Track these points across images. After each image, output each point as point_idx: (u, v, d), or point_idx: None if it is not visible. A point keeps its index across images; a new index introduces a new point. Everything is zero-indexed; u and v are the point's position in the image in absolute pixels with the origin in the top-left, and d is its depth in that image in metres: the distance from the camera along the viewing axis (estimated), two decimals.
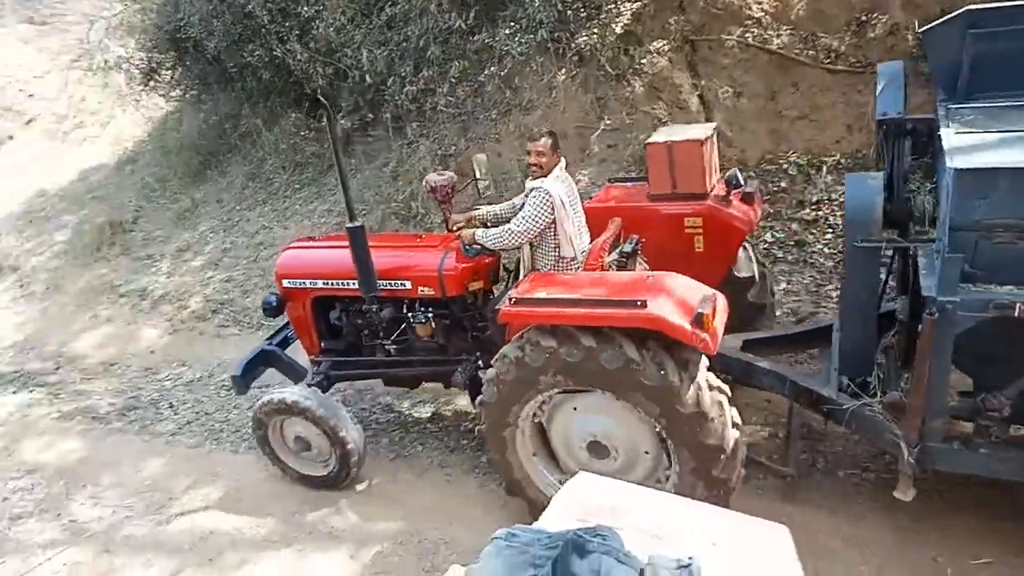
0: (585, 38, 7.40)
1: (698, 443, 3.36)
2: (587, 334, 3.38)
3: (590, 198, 4.99)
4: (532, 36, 7.11)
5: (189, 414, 6.11)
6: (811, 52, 6.80)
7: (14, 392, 7.15)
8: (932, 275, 2.95)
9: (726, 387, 3.53)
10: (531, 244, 4.29)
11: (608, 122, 7.26)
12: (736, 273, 4.55)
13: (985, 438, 3.19)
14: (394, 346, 4.73)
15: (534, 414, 3.84)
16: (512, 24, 7.30)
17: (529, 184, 4.22)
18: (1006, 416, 3.08)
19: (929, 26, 3.39)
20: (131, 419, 6.22)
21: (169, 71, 10.46)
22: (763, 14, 7.08)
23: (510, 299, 3.59)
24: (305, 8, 8.06)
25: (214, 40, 8.79)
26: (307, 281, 4.80)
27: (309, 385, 4.70)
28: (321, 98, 4.38)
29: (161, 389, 6.67)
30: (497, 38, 7.17)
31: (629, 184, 4.95)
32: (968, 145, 2.89)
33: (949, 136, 2.96)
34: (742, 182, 4.34)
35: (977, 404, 3.14)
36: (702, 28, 7.22)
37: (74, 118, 13.45)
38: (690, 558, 1.80)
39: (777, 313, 5.29)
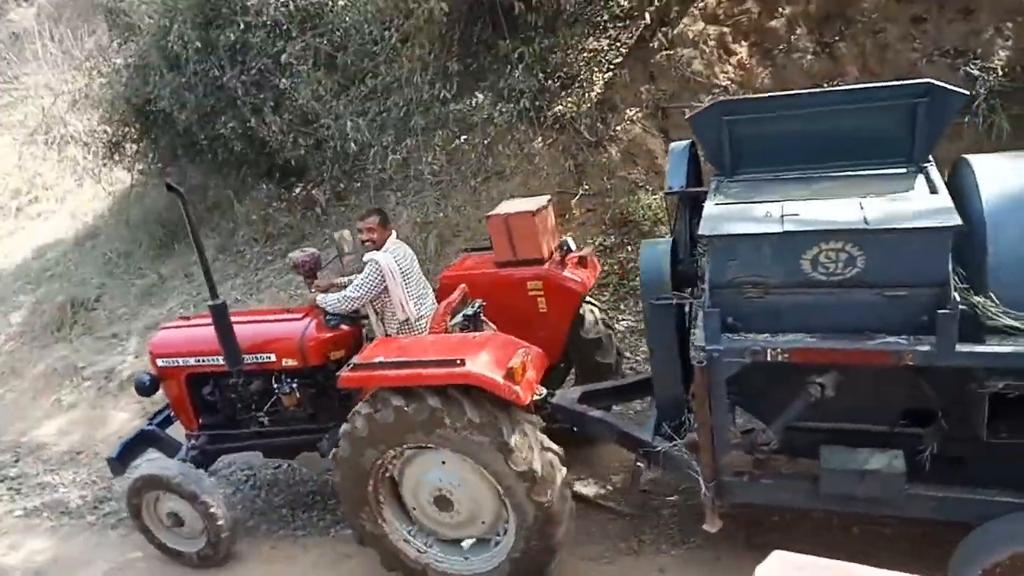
0: (562, 106, 7.59)
1: (529, 500, 3.64)
2: (433, 394, 3.61)
3: (449, 267, 5.42)
4: (513, 105, 7.26)
5: None
6: None
7: None
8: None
9: (559, 449, 3.80)
10: (376, 312, 4.69)
11: (586, 187, 7.39)
12: (584, 335, 4.92)
13: (764, 470, 3.45)
14: (266, 417, 4.91)
15: (386, 469, 4.02)
16: (492, 94, 7.45)
17: (364, 257, 4.63)
18: (776, 449, 3.36)
19: (692, 113, 3.79)
20: (104, 512, 5.83)
21: (134, 143, 10.26)
22: (729, 82, 7.38)
23: (349, 364, 3.88)
24: (283, 80, 8.08)
25: (185, 112, 8.70)
26: (179, 359, 4.94)
27: (183, 461, 4.72)
28: (169, 182, 4.44)
29: None
30: (478, 107, 7.29)
31: (480, 253, 5.32)
32: (721, 214, 3.29)
33: (709, 207, 3.37)
34: (573, 248, 4.86)
35: (752, 439, 3.39)
36: (672, 96, 7.48)
37: (27, 193, 13.03)
38: None
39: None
